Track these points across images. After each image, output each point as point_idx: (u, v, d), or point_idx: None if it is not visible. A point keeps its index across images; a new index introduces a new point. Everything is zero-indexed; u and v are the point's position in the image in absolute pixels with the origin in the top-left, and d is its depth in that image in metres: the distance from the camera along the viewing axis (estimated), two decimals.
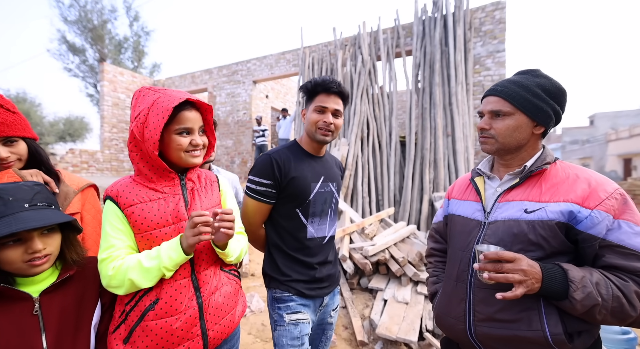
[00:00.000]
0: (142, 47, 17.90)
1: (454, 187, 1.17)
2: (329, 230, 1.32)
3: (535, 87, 0.90)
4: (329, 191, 1.30)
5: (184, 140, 0.94)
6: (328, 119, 1.20)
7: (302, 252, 1.25)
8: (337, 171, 1.41)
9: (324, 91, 1.21)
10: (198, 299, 0.93)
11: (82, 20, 16.11)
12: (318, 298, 1.28)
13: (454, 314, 0.96)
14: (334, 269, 1.35)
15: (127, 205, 0.91)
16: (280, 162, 1.20)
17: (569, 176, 0.88)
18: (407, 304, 2.74)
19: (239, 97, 9.44)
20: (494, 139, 0.93)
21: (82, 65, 16.66)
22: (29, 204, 0.80)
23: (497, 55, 5.81)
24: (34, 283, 0.83)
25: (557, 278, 0.78)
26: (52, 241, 0.83)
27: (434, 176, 5.42)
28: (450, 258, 1.04)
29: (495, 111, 0.92)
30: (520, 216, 0.87)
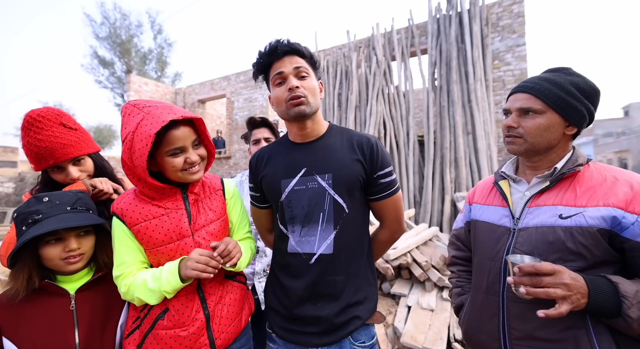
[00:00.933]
0: (165, 57, 18.93)
1: (475, 192, 1.10)
2: (319, 245, 0.92)
3: (569, 85, 0.84)
4: (315, 187, 0.93)
5: (177, 160, 0.89)
6: (292, 84, 0.90)
7: (284, 271, 0.98)
8: (348, 155, 0.96)
9: (274, 58, 0.94)
10: (205, 311, 0.94)
11: (111, 36, 17.36)
12: (298, 345, 0.94)
13: (486, 330, 0.89)
14: (330, 311, 0.91)
15: (133, 224, 0.91)
16: (254, 162, 1.06)
17: (606, 178, 0.81)
18: (433, 311, 2.66)
19: (256, 102, 9.61)
20: (523, 138, 0.87)
21: (111, 77, 17.93)
22: (70, 207, 0.90)
23: (517, 49, 5.60)
24: (71, 280, 0.92)
25: (605, 293, 0.71)
26: (86, 242, 0.92)
27: (456, 175, 5.27)
28: (477, 268, 0.98)
29: (525, 109, 0.86)
30: (555, 222, 0.80)
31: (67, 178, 1.07)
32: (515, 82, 5.67)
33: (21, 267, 0.85)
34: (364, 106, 6.31)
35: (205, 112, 11.29)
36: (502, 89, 5.73)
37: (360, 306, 0.94)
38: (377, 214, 1.04)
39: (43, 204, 0.87)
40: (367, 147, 0.96)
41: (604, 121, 24.98)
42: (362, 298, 0.95)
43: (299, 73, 0.93)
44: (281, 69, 0.92)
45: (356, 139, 0.99)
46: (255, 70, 0.98)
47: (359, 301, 0.94)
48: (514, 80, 5.65)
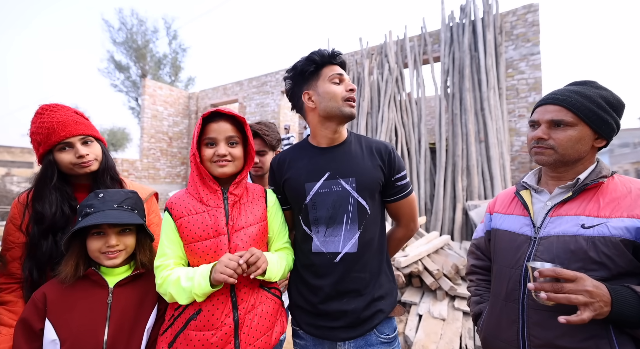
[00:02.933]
0: (179, 62, 19.33)
1: (496, 201, 1.11)
2: (344, 244, 0.99)
3: (599, 98, 0.85)
4: (339, 190, 1.00)
5: (208, 151, 0.99)
6: (352, 86, 1.03)
7: (308, 270, 1.03)
8: (368, 160, 1.04)
9: (330, 61, 1.03)
10: (235, 316, 0.92)
11: (128, 41, 17.83)
12: (326, 340, 0.99)
13: (505, 337, 0.90)
14: (356, 305, 0.97)
15: (178, 216, 0.97)
16: (275, 165, 1.11)
17: (631, 190, 0.82)
18: (444, 320, 2.63)
19: (268, 107, 9.74)
20: (553, 150, 0.87)
21: (126, 81, 18.35)
22: (117, 205, 0.94)
23: (531, 58, 5.57)
24: (112, 274, 0.95)
25: (630, 302, 0.71)
26: (126, 240, 0.96)
27: (467, 184, 5.23)
28: (497, 276, 0.98)
29: (557, 121, 0.87)
30: (577, 232, 0.80)
31: (75, 156, 1.04)
32: (529, 90, 5.61)
33: (71, 254, 0.92)
34: (375, 112, 6.33)
35: None
36: (516, 98, 5.69)
37: (383, 300, 1.01)
38: (393, 214, 1.12)
39: (97, 199, 0.93)
40: (385, 153, 1.05)
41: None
42: (384, 293, 1.02)
43: None
44: (341, 72, 1.03)
45: (375, 145, 1.08)
46: (308, 61, 1.03)
47: (381, 296, 1.01)
48: (528, 89, 5.60)
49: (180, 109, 11.48)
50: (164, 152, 10.97)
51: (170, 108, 11.17)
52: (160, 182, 10.75)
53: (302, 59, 1.04)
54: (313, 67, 1.02)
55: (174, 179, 11.29)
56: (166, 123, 11.04)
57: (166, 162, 11.04)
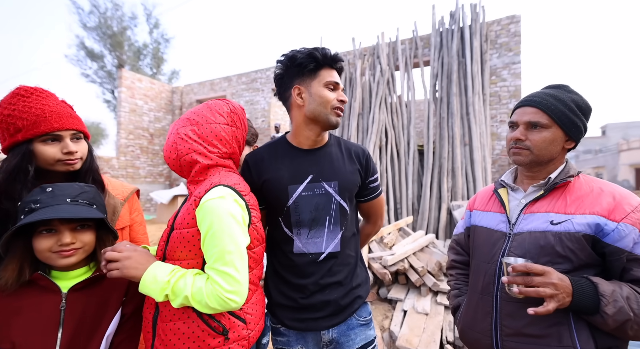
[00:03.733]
0: (162, 54, 17.91)
1: (475, 199, 1.15)
2: (327, 245, 1.02)
3: (571, 102, 0.90)
4: (322, 193, 1.02)
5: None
6: (343, 97, 1.03)
7: (289, 271, 1.03)
8: (349, 165, 1.07)
9: (331, 64, 1.02)
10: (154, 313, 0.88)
11: (101, 27, 16.07)
12: (310, 331, 1.02)
13: (480, 328, 0.94)
14: (337, 294, 1.02)
15: None
16: (251, 164, 1.05)
17: (593, 189, 0.88)
18: (427, 315, 2.78)
19: (258, 105, 9.62)
20: (529, 150, 0.91)
21: (100, 72, 16.58)
22: (71, 199, 0.82)
23: (512, 66, 5.83)
24: (66, 278, 0.84)
25: (587, 292, 0.77)
26: (83, 237, 0.84)
27: (452, 185, 5.44)
28: (474, 270, 1.02)
29: (533, 123, 0.90)
30: (546, 228, 0.86)
31: (61, 151, 0.93)
32: (509, 97, 5.88)
33: (12, 257, 0.79)
34: (366, 113, 6.47)
35: None
36: (498, 104, 5.96)
37: (360, 288, 1.09)
38: (364, 212, 1.21)
39: (45, 194, 0.80)
40: (363, 157, 1.12)
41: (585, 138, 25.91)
42: (361, 281, 1.10)
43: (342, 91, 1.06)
44: (337, 81, 1.03)
45: (353, 149, 1.12)
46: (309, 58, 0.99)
47: (359, 284, 1.09)
48: (509, 95, 5.87)
49: (162, 104, 10.70)
50: (144, 150, 10.26)
51: (151, 102, 10.39)
52: (141, 181, 10.12)
53: (303, 52, 1.00)
54: (313, 65, 0.99)
55: (156, 179, 10.60)
56: (147, 118, 10.31)
57: (147, 161, 10.35)
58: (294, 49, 1.03)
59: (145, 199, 10.15)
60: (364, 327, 1.07)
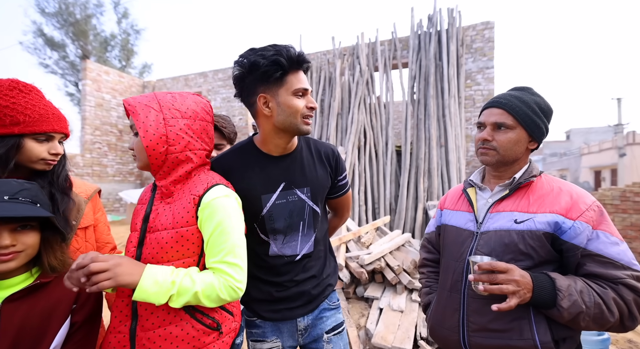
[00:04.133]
0: (131, 46, 16.87)
1: (446, 198, 1.17)
2: (301, 248, 1.05)
3: (534, 104, 0.93)
4: (295, 200, 1.03)
5: None
6: (313, 103, 0.97)
7: (264, 271, 1.04)
8: (320, 168, 1.08)
9: (297, 66, 0.94)
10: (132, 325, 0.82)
11: (62, 13, 14.81)
12: (285, 320, 1.06)
13: (448, 325, 0.97)
14: (310, 285, 1.07)
15: None
16: (219, 172, 0.98)
17: (553, 188, 0.92)
18: (402, 312, 2.81)
19: (235, 103, 9.40)
20: (496, 150, 0.94)
21: (62, 62, 15.25)
22: (9, 197, 0.74)
23: (486, 71, 6.07)
24: (2, 287, 0.75)
25: (546, 287, 0.81)
26: (26, 239, 0.75)
27: (428, 185, 5.56)
28: (444, 268, 1.05)
29: (499, 123, 0.93)
30: (510, 226, 0.89)
31: (48, 152, 0.96)
32: (483, 101, 6.12)
33: None
34: (345, 113, 6.49)
35: None
36: (472, 107, 6.17)
37: (330, 277, 1.15)
38: (333, 207, 1.24)
39: None
40: (332, 158, 1.12)
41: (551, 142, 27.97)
42: (331, 271, 1.16)
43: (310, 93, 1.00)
44: (306, 86, 0.95)
45: (323, 150, 1.11)
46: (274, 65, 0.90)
47: (329, 274, 1.15)
48: (483, 99, 6.11)
49: None
50: (112, 147, 9.71)
51: (119, 97, 9.77)
52: (109, 180, 9.60)
53: (267, 57, 0.89)
54: (279, 74, 0.90)
55: (126, 177, 10.12)
56: (115, 114, 9.75)
57: (115, 159, 9.82)
58: (255, 50, 0.93)
59: (115, 199, 9.66)
60: (334, 311, 1.14)
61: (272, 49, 0.91)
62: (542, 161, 26.80)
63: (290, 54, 0.91)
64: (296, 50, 0.93)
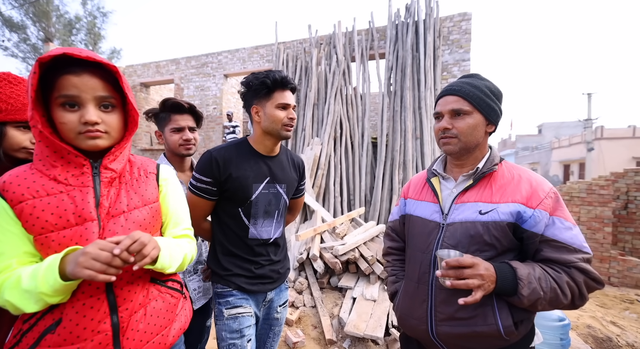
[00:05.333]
0: (98, 29, 16.27)
1: (409, 187, 1.17)
2: (274, 232, 1.30)
3: (485, 88, 0.95)
4: (274, 192, 1.28)
5: (68, 116, 0.72)
6: (292, 115, 1.23)
7: (243, 251, 1.25)
8: (293, 172, 1.38)
9: (282, 86, 1.21)
10: (113, 320, 0.75)
11: None
12: (260, 293, 1.28)
13: (417, 315, 0.99)
14: (279, 266, 1.34)
15: (16, 201, 0.70)
16: (220, 161, 1.19)
17: (513, 176, 0.94)
18: (375, 301, 2.82)
19: (209, 91, 9.10)
20: (457, 138, 0.95)
21: (22, 44, 14.63)
22: None
23: (462, 63, 6.13)
24: None
25: (508, 278, 0.85)
26: None
27: (403, 177, 5.61)
28: (411, 260, 1.06)
29: (456, 110, 0.94)
30: (475, 218, 0.91)
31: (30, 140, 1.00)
32: None
33: None
34: (322, 104, 6.38)
35: (150, 97, 10.23)
36: None
37: (288, 262, 1.43)
38: (290, 206, 1.49)
39: None
40: (301, 167, 1.45)
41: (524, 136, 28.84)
42: (287, 257, 1.43)
43: (294, 108, 1.26)
44: (287, 101, 1.21)
45: (296, 160, 1.43)
46: (263, 85, 1.19)
47: (287, 259, 1.44)
48: None
49: None
50: None
51: None
52: None
53: (258, 78, 1.20)
54: (265, 90, 1.20)
55: None
56: None
57: None
58: (254, 74, 1.22)
59: None
60: (287, 289, 1.45)
61: (264, 73, 1.20)
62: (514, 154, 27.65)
63: (275, 76, 1.19)
64: (282, 74, 1.20)
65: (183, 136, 1.43)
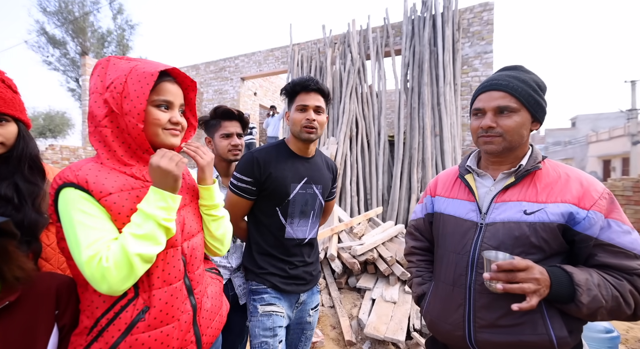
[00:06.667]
0: (127, 41, 17.54)
1: (437, 184, 1.10)
2: (309, 232, 1.32)
3: (533, 82, 0.87)
4: (311, 193, 1.30)
5: (163, 115, 0.81)
6: (310, 116, 1.22)
7: (278, 250, 1.27)
8: (327, 173, 1.40)
9: (303, 89, 1.24)
10: (192, 301, 0.85)
11: (62, 12, 15.60)
12: (293, 293, 1.29)
13: (451, 320, 0.92)
14: (312, 268, 1.35)
15: (105, 193, 0.73)
16: (261, 161, 1.23)
17: (560, 175, 0.87)
18: (395, 303, 2.73)
19: (227, 94, 9.29)
20: (502, 137, 0.87)
21: (63, 59, 16.21)
22: None
23: (484, 56, 5.89)
24: None
25: (563, 283, 0.77)
26: None
27: (422, 176, 5.46)
28: (442, 261, 0.99)
29: (502, 107, 0.86)
30: (520, 218, 0.84)
31: None
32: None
33: None
34: (337, 103, 6.33)
35: None
36: (469, 94, 6.01)
37: (318, 264, 1.43)
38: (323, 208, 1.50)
39: None
40: (334, 170, 1.48)
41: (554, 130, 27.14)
42: (318, 259, 1.43)
43: (317, 109, 1.25)
44: (307, 103, 1.23)
45: (330, 163, 1.46)
46: (284, 91, 1.29)
47: (319, 261, 1.44)
48: None
49: None
50: None
51: None
52: None
53: (284, 88, 1.29)
54: (290, 95, 1.28)
55: None
56: None
57: None
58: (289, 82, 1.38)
59: None
60: (318, 292, 1.44)
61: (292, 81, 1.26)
62: (543, 150, 26.05)
63: (294, 81, 1.25)
64: (305, 77, 1.25)
65: (231, 141, 1.50)
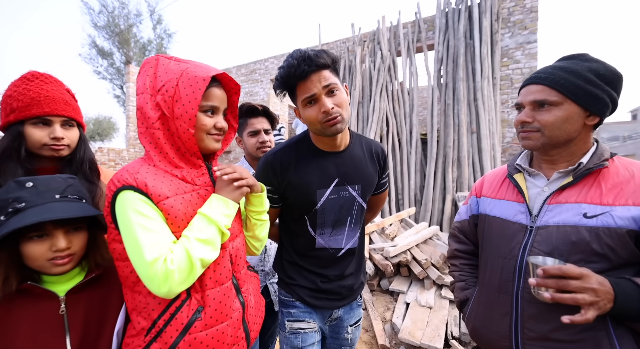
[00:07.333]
0: (165, 49, 18.67)
1: (483, 184, 1.05)
2: (346, 242, 1.10)
3: (587, 72, 0.78)
4: (346, 196, 1.07)
5: (208, 120, 0.82)
6: (325, 107, 0.91)
7: (309, 261, 1.11)
8: (371, 165, 1.12)
9: (299, 79, 0.92)
10: (240, 299, 0.88)
11: (110, 25, 17.08)
12: (325, 309, 1.13)
13: (496, 329, 0.86)
14: (351, 282, 1.15)
15: (163, 197, 0.74)
16: (276, 167, 1.03)
17: (634, 174, 0.76)
18: (431, 308, 2.61)
19: (257, 96, 9.51)
20: (540, 132, 0.82)
21: (110, 68, 17.68)
22: (60, 195, 0.76)
23: (527, 46, 5.47)
24: (60, 281, 0.78)
25: (632, 297, 0.68)
26: (77, 240, 0.78)
27: (458, 175, 5.21)
28: (487, 265, 0.94)
29: (540, 101, 0.81)
30: (579, 222, 0.75)
31: (49, 136, 0.94)
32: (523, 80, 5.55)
33: None
34: (367, 102, 6.23)
35: None
36: (510, 88, 5.62)
37: (363, 274, 1.22)
38: (369, 203, 1.23)
39: (26, 191, 0.72)
40: (382, 157, 1.16)
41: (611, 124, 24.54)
42: (364, 269, 1.23)
43: (329, 90, 0.93)
44: (311, 92, 0.92)
45: (373, 148, 1.14)
46: (280, 87, 0.98)
47: (363, 272, 1.22)
48: (523, 78, 5.52)
49: None
50: None
51: None
52: None
53: (275, 78, 1.00)
54: (285, 92, 0.99)
55: None
56: None
57: None
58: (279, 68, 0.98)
59: None
60: (359, 307, 1.23)
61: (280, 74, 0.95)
62: None
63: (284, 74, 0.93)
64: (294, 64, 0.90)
65: (259, 138, 1.46)
